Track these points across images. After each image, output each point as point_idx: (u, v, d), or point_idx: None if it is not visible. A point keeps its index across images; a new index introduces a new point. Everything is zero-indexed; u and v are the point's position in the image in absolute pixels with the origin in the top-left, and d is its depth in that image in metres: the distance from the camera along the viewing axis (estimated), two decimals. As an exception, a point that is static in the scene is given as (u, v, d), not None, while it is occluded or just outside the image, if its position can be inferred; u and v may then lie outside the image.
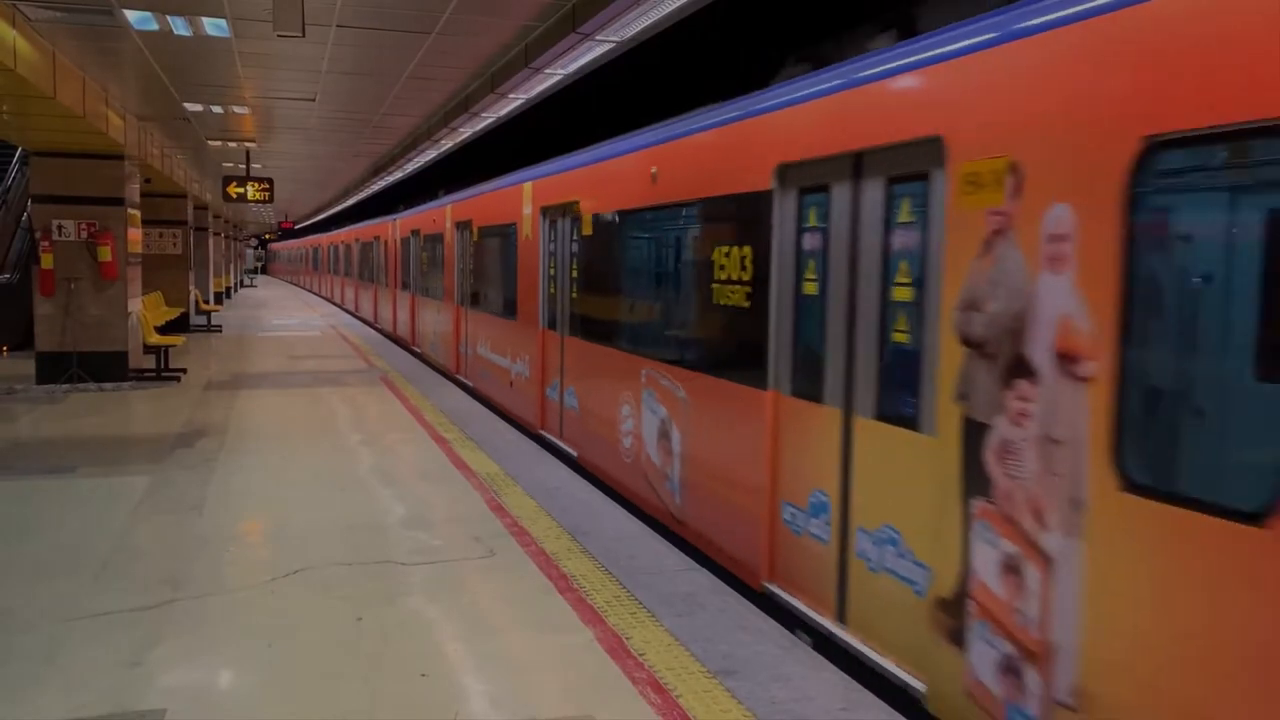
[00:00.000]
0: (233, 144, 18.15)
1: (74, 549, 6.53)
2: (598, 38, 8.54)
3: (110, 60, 11.11)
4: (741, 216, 6.51)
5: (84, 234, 14.26)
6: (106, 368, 14.45)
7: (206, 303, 27.46)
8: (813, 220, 5.80)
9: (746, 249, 6.42)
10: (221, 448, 9.88)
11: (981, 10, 4.48)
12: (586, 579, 6.03)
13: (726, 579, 6.29)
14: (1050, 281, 3.81)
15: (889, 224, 5.05)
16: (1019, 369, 3.96)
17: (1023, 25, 4.08)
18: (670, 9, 7.67)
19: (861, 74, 5.22)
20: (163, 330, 17.43)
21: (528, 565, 6.28)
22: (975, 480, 4.22)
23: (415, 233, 20.63)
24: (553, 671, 4.74)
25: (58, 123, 11.87)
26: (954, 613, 4.36)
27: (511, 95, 11.47)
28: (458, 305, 16.33)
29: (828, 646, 5.29)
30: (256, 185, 19.11)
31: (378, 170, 23.14)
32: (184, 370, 15.84)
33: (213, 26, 9.30)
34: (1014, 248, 4.01)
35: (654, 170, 7.97)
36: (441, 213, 17.55)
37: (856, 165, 5.31)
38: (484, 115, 12.98)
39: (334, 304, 39.90)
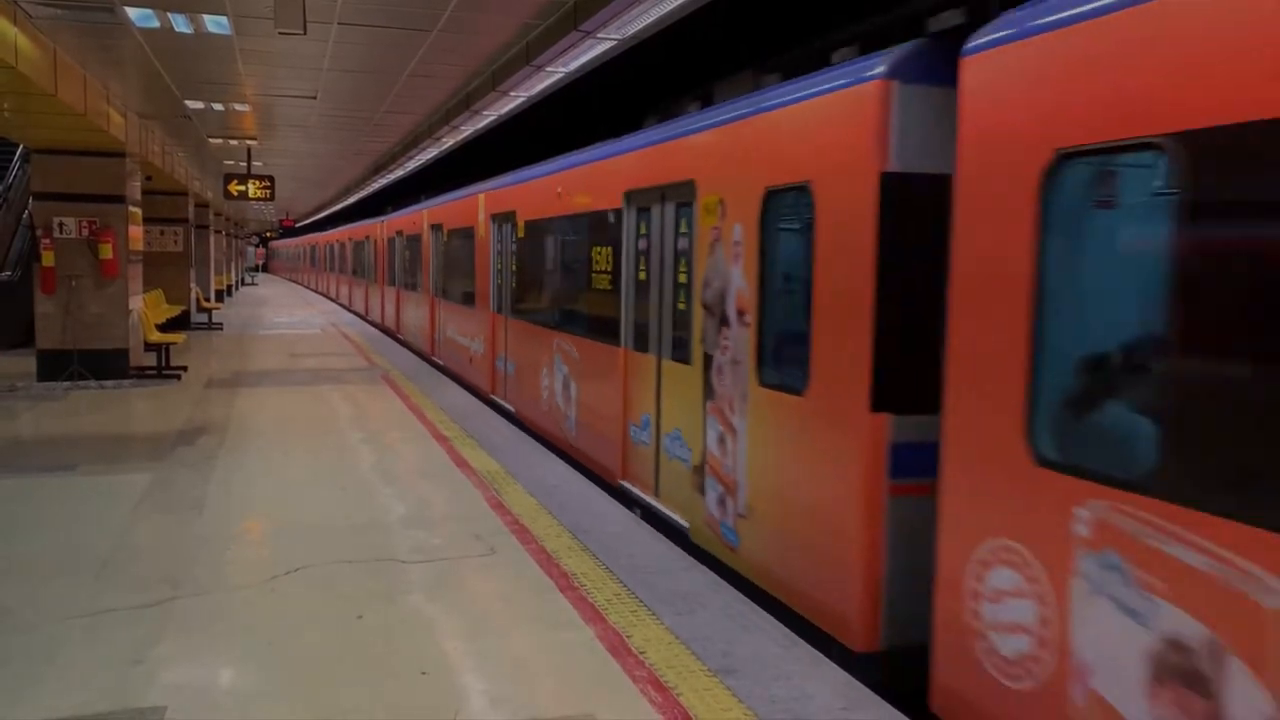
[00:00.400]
0: (234, 141, 18.14)
1: (74, 547, 6.53)
2: (599, 35, 8.52)
3: (111, 57, 11.11)
4: (607, 225, 9.01)
5: (85, 232, 14.26)
6: (107, 365, 14.45)
7: (207, 300, 27.45)
8: (642, 230, 8.27)
9: (609, 249, 8.97)
10: (222, 446, 9.88)
11: (741, 92, 6.80)
12: (587, 577, 6.03)
13: (599, 483, 8.77)
14: (735, 269, 6.36)
15: (675, 234, 7.57)
16: (723, 321, 6.49)
17: (721, 119, 6.76)
18: (670, 7, 7.66)
19: (661, 136, 7.89)
20: (163, 328, 17.42)
21: (528, 563, 6.28)
22: (708, 391, 6.77)
23: (399, 233, 22.73)
24: (554, 669, 4.74)
25: (59, 120, 11.86)
26: (700, 474, 6.90)
27: (513, 93, 11.46)
28: (432, 296, 18.60)
29: (650, 516, 7.74)
30: (257, 183, 19.10)
31: (379, 168, 23.13)
32: (185, 368, 15.85)
33: (214, 24, 9.29)
34: (721, 249, 6.60)
35: (559, 189, 10.57)
36: (420, 216, 19.67)
37: (662, 194, 7.79)
38: (485, 113, 12.97)
39: (331, 300, 39.94)
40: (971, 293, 4.19)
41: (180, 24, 9.24)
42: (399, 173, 22.87)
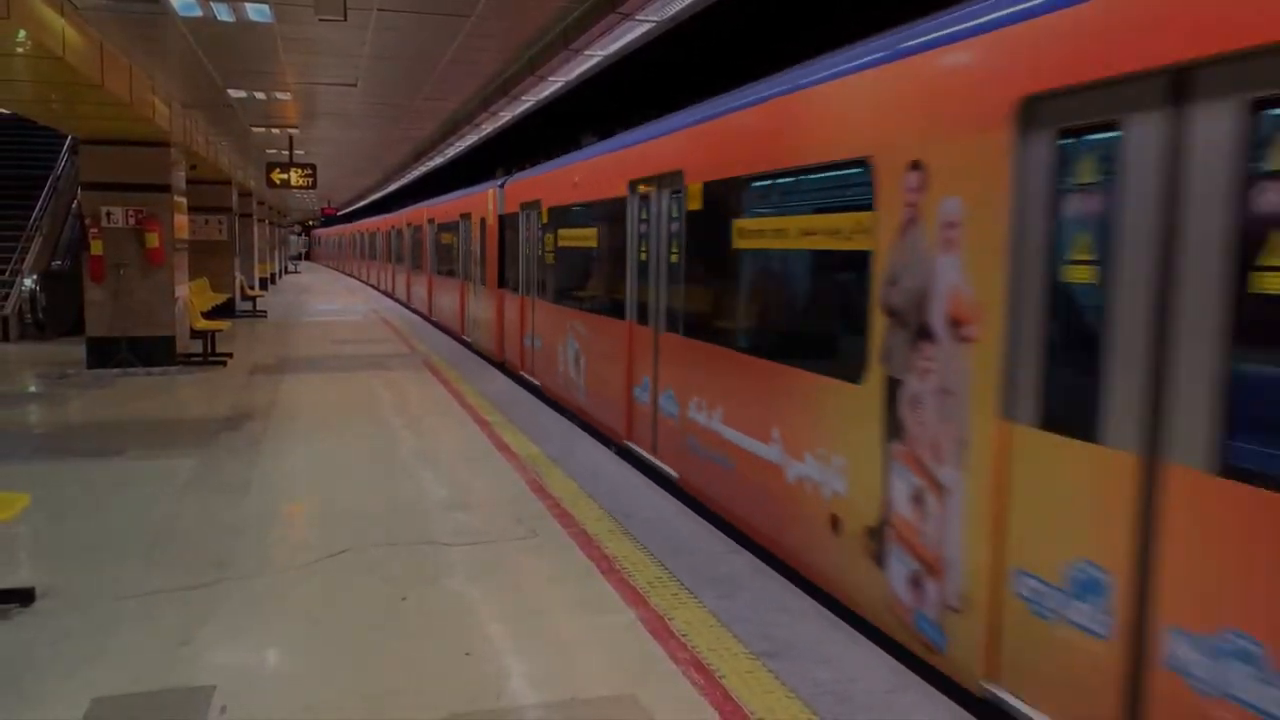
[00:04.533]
0: (275, 130, 18.32)
1: (124, 530, 6.65)
2: (637, 17, 8.48)
3: (155, 48, 11.24)
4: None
5: (132, 221, 14.48)
6: (154, 352, 14.68)
7: (251, 288, 27.78)
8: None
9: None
10: (266, 431, 10.00)
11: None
12: (628, 560, 6.03)
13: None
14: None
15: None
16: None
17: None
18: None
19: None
20: (209, 316, 17.66)
21: (570, 546, 6.30)
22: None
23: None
24: (595, 651, 4.74)
25: (106, 110, 12.04)
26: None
27: (550, 78, 11.45)
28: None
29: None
30: (299, 171, 19.28)
31: (419, 155, 23.24)
32: (230, 355, 16.06)
33: (255, 12, 9.35)
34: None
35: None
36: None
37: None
38: (524, 98, 12.97)
39: (372, 287, 40.28)
40: None
41: (222, 12, 9.31)
42: (439, 160, 22.96)
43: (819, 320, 6.22)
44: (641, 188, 9.11)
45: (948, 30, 4.72)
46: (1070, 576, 3.80)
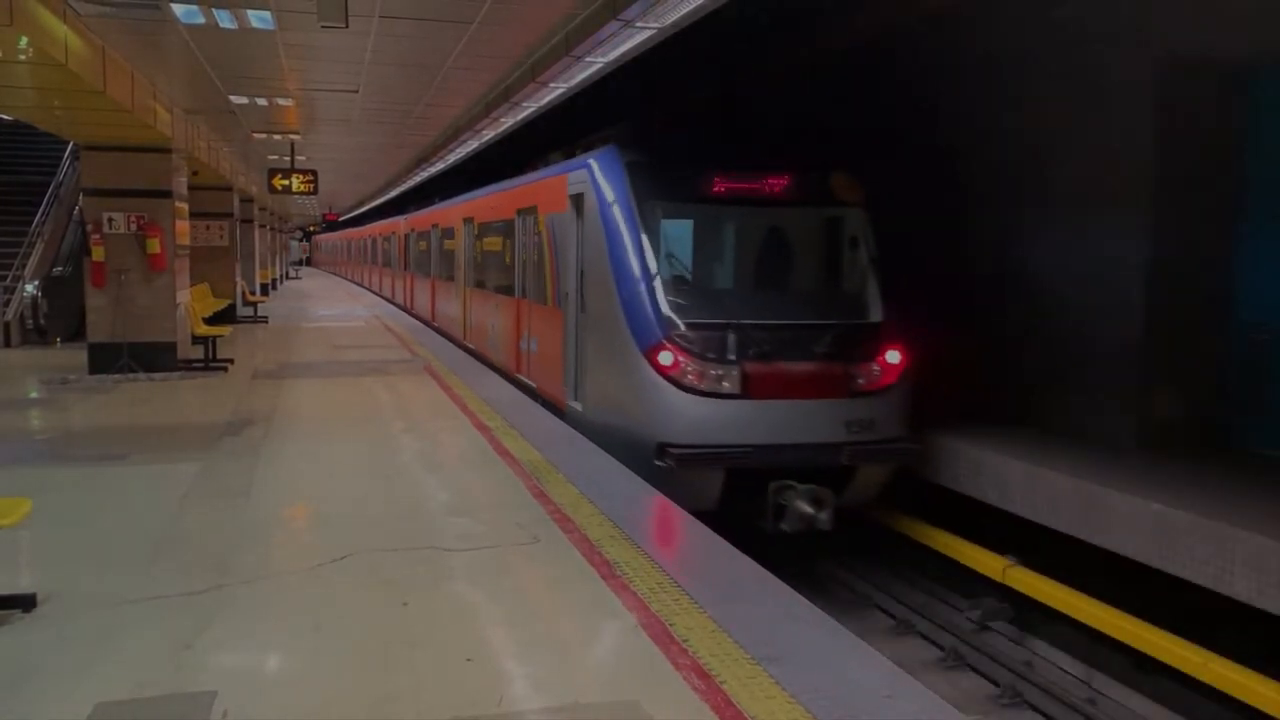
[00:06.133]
0: (277, 136, 18.35)
1: (126, 535, 6.66)
2: (638, 24, 8.50)
3: (157, 54, 11.27)
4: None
5: (133, 226, 14.49)
6: (156, 358, 14.69)
7: (252, 294, 27.80)
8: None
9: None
10: (268, 436, 10.01)
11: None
12: (630, 565, 6.03)
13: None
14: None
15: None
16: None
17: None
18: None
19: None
20: (210, 321, 17.68)
21: (571, 552, 6.30)
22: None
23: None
24: (598, 657, 4.75)
25: (107, 117, 12.06)
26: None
27: (552, 84, 11.47)
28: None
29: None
30: (301, 177, 19.30)
31: (420, 161, 23.28)
32: (231, 360, 16.08)
33: (257, 19, 9.38)
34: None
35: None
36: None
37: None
38: (525, 105, 13.00)
39: (374, 292, 40.30)
40: None
41: (224, 19, 9.34)
42: (440, 166, 23.01)
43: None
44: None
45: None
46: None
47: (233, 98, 14.24)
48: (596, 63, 10.15)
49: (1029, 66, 10.39)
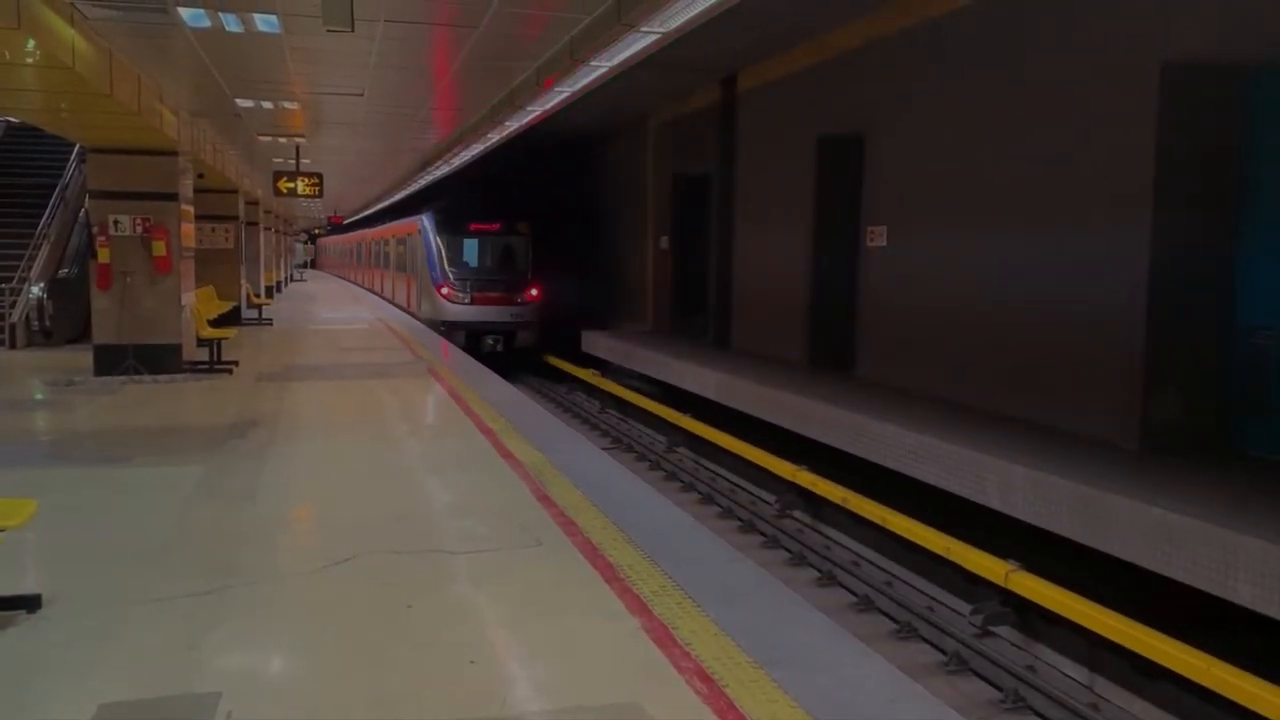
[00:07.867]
0: (282, 139, 18.39)
1: (131, 536, 6.68)
2: (643, 29, 8.53)
3: (164, 57, 11.31)
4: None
5: (139, 229, 14.53)
6: (161, 360, 14.73)
7: (257, 296, 27.86)
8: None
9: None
10: (273, 438, 10.04)
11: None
12: (633, 569, 6.04)
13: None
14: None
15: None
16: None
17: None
18: (711, 2, 7.65)
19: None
20: (215, 323, 17.70)
21: (574, 555, 6.32)
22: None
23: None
24: (600, 660, 4.76)
25: (114, 119, 12.10)
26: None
27: (557, 89, 11.51)
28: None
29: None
30: (306, 180, 19.33)
31: (426, 164, 23.34)
32: (236, 362, 16.12)
33: (264, 22, 9.42)
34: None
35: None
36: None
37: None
38: (530, 108, 13.03)
39: (376, 294, 40.43)
40: None
41: (231, 23, 9.38)
42: (445, 169, 23.06)
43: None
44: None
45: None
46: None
47: (239, 101, 14.29)
48: (601, 67, 10.18)
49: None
